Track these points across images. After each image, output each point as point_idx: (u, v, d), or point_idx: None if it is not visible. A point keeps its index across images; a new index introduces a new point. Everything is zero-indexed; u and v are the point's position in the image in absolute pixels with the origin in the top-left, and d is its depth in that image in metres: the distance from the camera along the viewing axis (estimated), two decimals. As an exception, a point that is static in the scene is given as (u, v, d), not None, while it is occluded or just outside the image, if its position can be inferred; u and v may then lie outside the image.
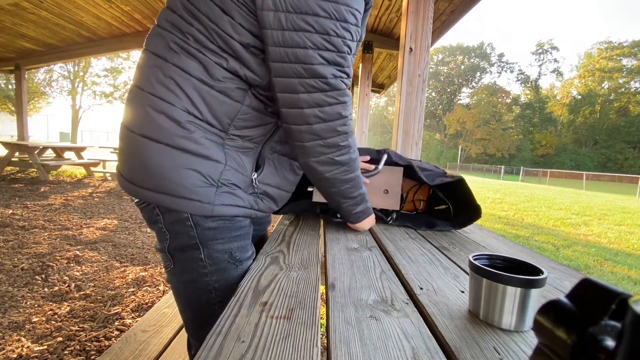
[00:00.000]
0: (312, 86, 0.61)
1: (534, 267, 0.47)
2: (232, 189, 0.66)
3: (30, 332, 1.59)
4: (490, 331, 0.44)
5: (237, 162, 0.67)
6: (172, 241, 0.67)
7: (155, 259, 2.63)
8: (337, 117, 0.65)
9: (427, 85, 2.00)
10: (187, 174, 0.61)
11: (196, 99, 0.61)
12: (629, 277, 3.26)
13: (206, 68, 0.61)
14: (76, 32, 5.91)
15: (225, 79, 0.62)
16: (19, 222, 3.29)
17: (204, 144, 0.62)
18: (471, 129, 49.81)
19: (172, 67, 0.61)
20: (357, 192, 0.80)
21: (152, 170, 0.61)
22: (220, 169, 0.64)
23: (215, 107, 0.63)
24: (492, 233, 1.06)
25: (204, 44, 0.60)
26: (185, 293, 0.71)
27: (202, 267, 0.67)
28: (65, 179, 6.41)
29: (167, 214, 0.65)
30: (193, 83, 0.61)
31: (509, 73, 59.66)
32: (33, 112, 22.29)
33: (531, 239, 4.61)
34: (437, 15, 3.56)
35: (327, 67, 0.60)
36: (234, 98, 0.64)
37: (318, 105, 0.62)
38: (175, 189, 0.62)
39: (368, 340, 0.41)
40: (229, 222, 0.68)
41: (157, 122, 0.61)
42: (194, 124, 0.62)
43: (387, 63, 5.97)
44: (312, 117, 0.63)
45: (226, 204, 0.65)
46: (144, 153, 0.62)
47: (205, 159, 0.63)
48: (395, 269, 0.67)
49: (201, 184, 0.63)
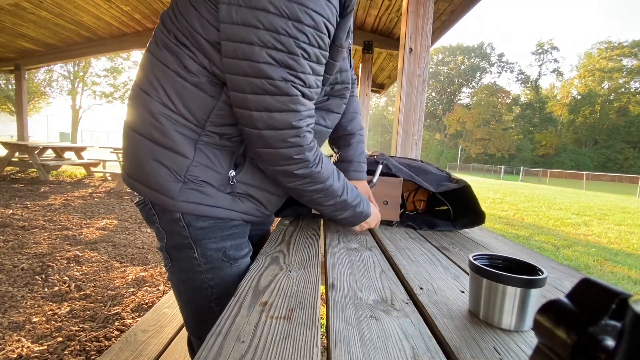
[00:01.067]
0: (258, 87, 0.56)
1: (534, 267, 0.47)
2: (201, 186, 0.65)
3: (30, 332, 1.59)
4: (490, 331, 0.44)
5: (210, 159, 0.65)
6: (169, 240, 0.68)
7: (155, 259, 2.63)
8: (287, 127, 0.59)
9: (427, 85, 2.00)
10: (156, 166, 0.63)
11: (171, 92, 0.62)
12: (629, 277, 3.26)
13: (181, 61, 0.61)
14: (76, 32, 5.91)
15: (199, 72, 0.61)
16: (19, 222, 3.29)
17: (172, 137, 0.62)
18: (471, 129, 49.81)
19: (155, 61, 0.63)
20: (332, 200, 0.74)
21: (135, 161, 0.65)
22: (186, 164, 0.63)
23: (190, 101, 0.62)
24: (492, 233, 1.06)
25: (180, 39, 0.61)
26: (183, 291, 0.72)
27: (197, 266, 0.68)
28: (65, 179, 6.41)
29: (162, 214, 0.66)
30: (170, 75, 0.61)
31: (509, 73, 59.74)
32: (33, 112, 22.29)
33: (531, 239, 4.61)
34: (437, 15, 3.56)
35: (276, 68, 0.55)
36: (209, 93, 0.62)
37: (266, 110, 0.58)
38: (147, 179, 0.64)
39: (368, 340, 0.41)
40: (220, 222, 0.68)
41: (138, 114, 0.63)
42: (167, 116, 0.62)
43: (387, 63, 5.96)
44: (260, 121, 0.59)
45: (191, 201, 0.64)
46: (131, 145, 0.65)
47: (173, 153, 0.62)
48: (395, 269, 0.67)
49: (168, 177, 0.63)
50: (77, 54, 6.92)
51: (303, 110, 0.60)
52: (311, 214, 1.09)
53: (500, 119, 50.68)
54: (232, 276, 0.70)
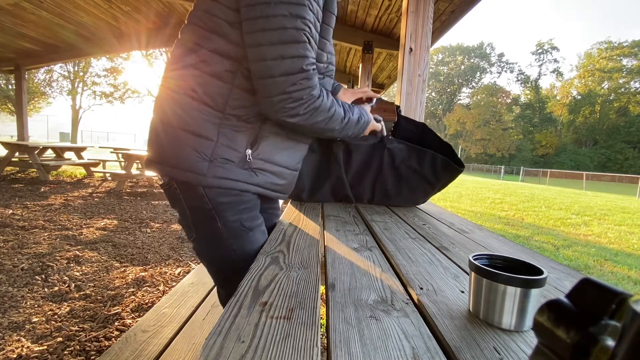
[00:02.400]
0: (275, 37, 0.66)
1: (534, 267, 0.47)
2: (225, 163, 0.76)
3: (30, 332, 1.59)
4: (490, 331, 0.44)
5: (230, 140, 0.76)
6: (193, 216, 0.81)
7: (155, 259, 2.63)
8: (298, 71, 0.69)
9: (427, 85, 2.00)
10: (187, 150, 0.74)
11: (195, 85, 0.74)
12: (629, 277, 3.26)
13: (200, 57, 0.73)
14: (76, 32, 5.91)
15: (214, 62, 0.73)
16: (19, 222, 3.29)
17: (200, 124, 0.74)
18: (471, 129, 49.80)
19: (180, 64, 0.76)
20: (340, 123, 0.84)
21: (165, 148, 0.77)
22: (212, 145, 0.75)
23: (211, 90, 0.74)
24: (492, 233, 1.06)
25: (199, 35, 0.73)
26: (210, 255, 0.86)
27: (221, 234, 0.81)
28: (65, 179, 6.41)
29: (186, 192, 0.78)
30: (192, 73, 0.74)
31: (509, 73, 59.72)
32: (33, 112, 22.28)
33: (531, 239, 4.61)
34: (437, 15, 3.56)
35: (289, 18, 0.66)
36: (224, 80, 0.74)
37: (281, 57, 0.67)
38: (178, 162, 0.75)
39: (368, 340, 0.41)
40: (237, 197, 0.80)
41: (168, 109, 0.77)
42: (194, 107, 0.74)
43: (387, 63, 5.96)
44: (275, 68, 0.68)
45: (218, 177, 0.76)
46: (161, 135, 0.77)
47: (199, 137, 0.74)
48: (395, 269, 0.67)
49: (197, 158, 0.75)
50: (77, 54, 6.93)
51: (310, 56, 0.70)
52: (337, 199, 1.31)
53: (500, 119, 50.66)
54: (250, 241, 0.83)
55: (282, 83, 0.69)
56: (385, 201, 1.36)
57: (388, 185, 1.29)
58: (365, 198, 1.36)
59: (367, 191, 1.33)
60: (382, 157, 1.24)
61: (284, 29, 0.66)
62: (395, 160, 1.25)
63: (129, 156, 5.66)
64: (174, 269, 2.48)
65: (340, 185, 1.31)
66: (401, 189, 1.30)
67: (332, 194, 1.34)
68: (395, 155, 1.24)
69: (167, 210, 4.36)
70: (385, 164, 1.25)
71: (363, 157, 1.25)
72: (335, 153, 1.24)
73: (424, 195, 1.34)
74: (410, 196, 1.34)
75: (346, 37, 4.70)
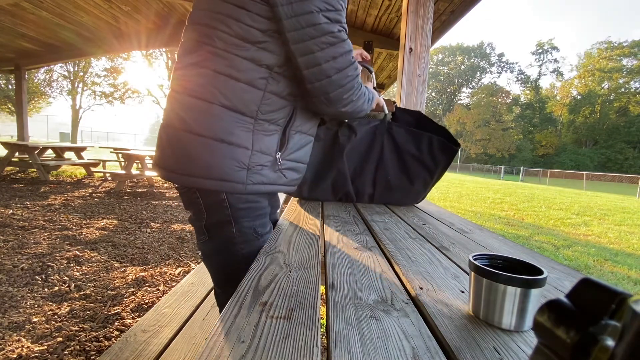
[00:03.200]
0: (324, 42, 0.73)
1: (534, 267, 0.47)
2: (259, 170, 0.81)
3: (30, 332, 1.59)
4: (490, 331, 0.44)
5: (264, 145, 0.80)
6: (209, 218, 0.83)
7: (155, 259, 2.63)
8: (348, 64, 0.78)
9: (427, 85, 2.00)
10: (222, 159, 0.76)
11: (227, 93, 0.75)
12: (629, 277, 3.26)
13: (232, 64, 0.74)
14: (76, 32, 5.91)
15: (247, 69, 0.75)
16: (19, 222, 3.29)
17: (235, 132, 0.76)
18: (471, 129, 49.77)
19: (207, 71, 0.75)
20: (368, 104, 0.91)
21: (195, 159, 0.76)
22: (248, 154, 0.78)
23: (243, 96, 0.76)
24: (492, 233, 1.06)
25: (228, 41, 0.73)
26: (216, 258, 0.89)
27: (233, 238, 0.84)
28: (65, 179, 6.41)
29: (206, 197, 0.81)
30: (223, 80, 0.74)
31: (509, 73, 59.67)
32: (33, 112, 22.27)
33: (531, 239, 4.61)
34: (437, 15, 3.56)
35: (332, 23, 0.73)
36: (257, 86, 0.76)
37: (333, 58, 0.75)
38: (210, 172, 0.76)
39: (368, 340, 0.41)
40: (254, 204, 0.84)
41: (196, 118, 0.75)
42: (227, 115, 0.75)
43: (387, 63, 5.96)
44: (330, 69, 0.76)
45: (255, 183, 0.81)
46: (189, 145, 0.76)
47: (236, 147, 0.77)
48: (395, 269, 0.67)
49: (235, 168, 0.77)
50: (77, 54, 6.93)
51: (351, 48, 0.79)
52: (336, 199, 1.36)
53: (500, 119, 50.62)
54: (258, 247, 0.85)
55: (337, 80, 0.77)
56: (385, 195, 1.37)
57: (389, 174, 1.31)
58: (367, 193, 1.36)
59: (368, 184, 1.34)
60: (383, 141, 1.28)
61: (330, 33, 0.73)
62: (396, 142, 1.28)
63: (129, 156, 5.66)
64: (174, 269, 2.48)
65: (341, 179, 1.32)
66: (402, 178, 1.32)
67: (332, 191, 1.35)
68: (396, 138, 1.28)
69: (167, 210, 4.36)
70: (386, 149, 1.28)
71: (365, 141, 1.28)
72: (340, 139, 1.27)
73: (424, 187, 1.35)
74: (410, 189, 1.34)
75: (346, 37, 4.69)
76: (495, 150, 47.97)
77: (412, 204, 1.43)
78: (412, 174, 1.31)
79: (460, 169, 42.22)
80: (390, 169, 1.31)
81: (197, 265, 2.45)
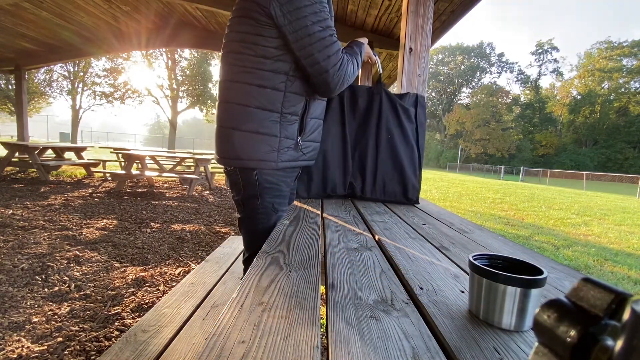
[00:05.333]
0: (320, 45, 0.99)
1: (534, 267, 0.47)
2: (286, 151, 1.10)
3: (30, 332, 1.59)
4: (490, 331, 0.44)
5: (288, 132, 1.09)
6: (244, 193, 1.11)
7: (155, 259, 2.63)
8: (339, 59, 1.04)
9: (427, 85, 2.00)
10: (260, 145, 1.05)
11: (260, 98, 1.03)
12: (629, 277, 3.26)
13: (259, 77, 1.03)
14: (76, 32, 5.91)
15: (271, 78, 1.03)
16: (19, 222, 3.29)
17: (268, 126, 1.05)
18: (471, 129, 49.73)
19: (243, 85, 1.03)
20: (358, 66, 1.16)
21: (240, 146, 1.05)
22: (277, 140, 1.07)
23: (272, 99, 1.04)
24: (492, 233, 1.06)
25: (254, 62, 1.02)
26: (245, 224, 1.16)
27: (257, 209, 1.11)
28: (65, 179, 6.41)
29: (245, 176, 1.08)
30: (255, 89, 1.03)
31: (509, 73, 59.57)
32: (33, 112, 22.24)
33: (531, 239, 4.61)
34: (437, 15, 3.56)
35: (324, 30, 1.00)
36: (279, 89, 1.04)
37: (328, 57, 1.01)
38: (252, 155, 1.06)
39: (368, 340, 0.41)
40: (276, 186, 1.11)
41: (240, 119, 1.04)
42: (261, 113, 1.04)
43: (387, 63, 5.96)
44: (327, 65, 1.02)
45: (284, 160, 1.10)
46: (233, 138, 1.05)
47: (270, 136, 1.06)
48: (395, 269, 0.67)
49: (269, 151, 1.07)
50: (77, 54, 6.93)
51: (339, 47, 1.05)
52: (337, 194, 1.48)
53: (500, 119, 50.58)
54: (274, 220, 1.12)
55: (334, 72, 1.03)
56: (387, 163, 1.47)
57: (392, 130, 1.47)
58: (368, 168, 1.47)
59: (371, 151, 1.47)
60: (381, 99, 1.49)
61: (322, 39, 0.99)
62: (391, 100, 1.49)
63: (129, 156, 5.66)
64: (174, 269, 2.48)
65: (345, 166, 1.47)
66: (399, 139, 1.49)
67: (334, 187, 1.48)
68: (391, 96, 1.50)
69: (167, 210, 4.36)
70: (384, 106, 1.48)
71: (365, 102, 1.49)
72: (344, 104, 1.48)
73: (418, 153, 1.51)
74: (408, 152, 1.49)
75: (346, 37, 4.67)
76: (495, 150, 47.94)
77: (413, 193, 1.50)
78: (406, 132, 1.49)
79: (460, 169, 42.21)
80: (391, 124, 1.48)
81: (197, 265, 2.45)
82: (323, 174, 1.45)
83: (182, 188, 6.35)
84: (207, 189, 6.57)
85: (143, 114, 78.26)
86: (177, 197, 5.44)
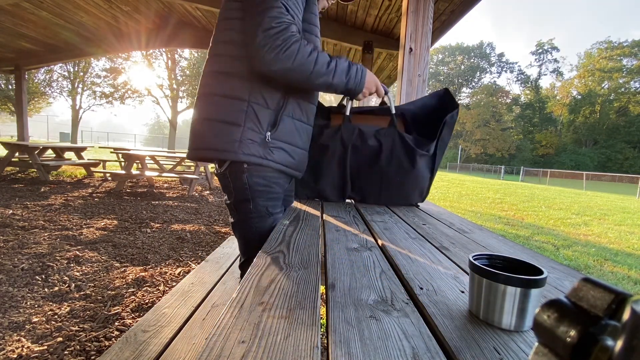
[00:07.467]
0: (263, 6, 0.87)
1: (534, 267, 0.47)
2: (249, 143, 0.97)
3: (30, 332, 1.59)
4: (490, 331, 0.44)
5: (254, 123, 0.97)
6: (235, 197, 1.03)
7: (155, 259, 2.63)
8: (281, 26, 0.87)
9: (427, 85, 2.00)
10: (222, 135, 0.97)
11: (225, 85, 0.97)
12: (629, 277, 3.26)
13: (229, 64, 0.97)
14: (76, 32, 5.91)
15: (238, 65, 0.96)
16: (19, 222, 3.29)
17: (232, 115, 0.96)
18: (471, 129, 49.73)
19: (211, 73, 1.00)
20: (327, 69, 0.95)
21: (199, 137, 1.00)
22: (240, 130, 0.97)
23: (237, 85, 0.96)
24: (492, 233, 1.06)
25: (224, 48, 0.98)
26: (239, 229, 1.10)
27: (250, 213, 1.04)
28: (65, 179, 6.41)
29: (234, 179, 1.00)
30: (223, 77, 0.98)
31: (509, 73, 59.53)
32: (33, 112, 22.25)
33: (531, 239, 4.61)
34: (437, 15, 3.56)
35: (277, 1, 0.88)
36: (244, 79, 0.96)
37: (266, 17, 0.87)
38: (215, 146, 0.97)
39: (368, 340, 0.41)
40: (268, 188, 1.03)
41: (206, 106, 1.00)
42: (227, 101, 0.97)
43: (387, 63, 5.96)
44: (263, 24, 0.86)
45: (246, 153, 0.97)
46: (200, 128, 1.00)
47: (233, 125, 0.96)
48: (395, 269, 0.67)
49: (230, 140, 0.96)
50: (77, 54, 6.93)
51: (291, 19, 0.89)
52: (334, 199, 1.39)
53: (500, 119, 50.57)
54: (270, 223, 1.06)
55: (265, 35, 0.86)
56: (391, 193, 1.38)
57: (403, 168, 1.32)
58: (372, 193, 1.38)
59: (375, 184, 1.37)
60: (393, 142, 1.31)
61: (271, 7, 0.87)
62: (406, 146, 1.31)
63: (129, 156, 5.66)
64: (174, 269, 2.48)
65: (343, 178, 1.36)
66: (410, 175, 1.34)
67: (333, 191, 1.39)
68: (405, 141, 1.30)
69: (167, 210, 4.36)
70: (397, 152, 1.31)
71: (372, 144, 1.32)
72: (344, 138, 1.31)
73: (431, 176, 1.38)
74: (419, 183, 1.36)
75: (346, 37, 4.70)
76: (495, 150, 47.94)
77: (419, 197, 1.42)
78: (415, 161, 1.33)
79: (460, 169, 42.19)
80: (393, 167, 1.32)
81: (197, 265, 2.45)
82: (319, 194, 1.39)
83: (182, 188, 6.35)
84: (207, 189, 6.57)
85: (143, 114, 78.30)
86: (177, 197, 5.44)
